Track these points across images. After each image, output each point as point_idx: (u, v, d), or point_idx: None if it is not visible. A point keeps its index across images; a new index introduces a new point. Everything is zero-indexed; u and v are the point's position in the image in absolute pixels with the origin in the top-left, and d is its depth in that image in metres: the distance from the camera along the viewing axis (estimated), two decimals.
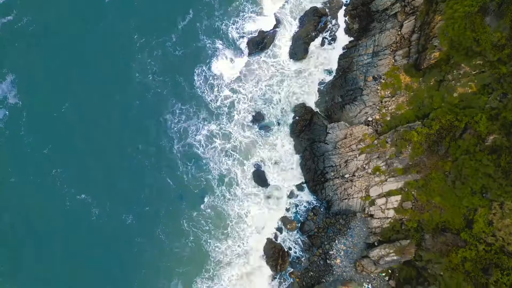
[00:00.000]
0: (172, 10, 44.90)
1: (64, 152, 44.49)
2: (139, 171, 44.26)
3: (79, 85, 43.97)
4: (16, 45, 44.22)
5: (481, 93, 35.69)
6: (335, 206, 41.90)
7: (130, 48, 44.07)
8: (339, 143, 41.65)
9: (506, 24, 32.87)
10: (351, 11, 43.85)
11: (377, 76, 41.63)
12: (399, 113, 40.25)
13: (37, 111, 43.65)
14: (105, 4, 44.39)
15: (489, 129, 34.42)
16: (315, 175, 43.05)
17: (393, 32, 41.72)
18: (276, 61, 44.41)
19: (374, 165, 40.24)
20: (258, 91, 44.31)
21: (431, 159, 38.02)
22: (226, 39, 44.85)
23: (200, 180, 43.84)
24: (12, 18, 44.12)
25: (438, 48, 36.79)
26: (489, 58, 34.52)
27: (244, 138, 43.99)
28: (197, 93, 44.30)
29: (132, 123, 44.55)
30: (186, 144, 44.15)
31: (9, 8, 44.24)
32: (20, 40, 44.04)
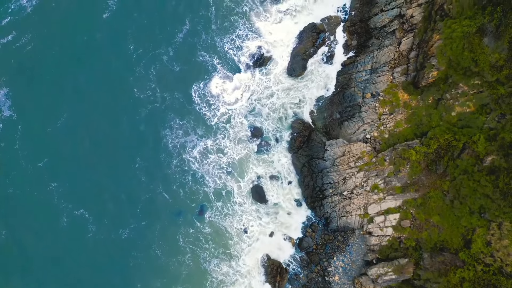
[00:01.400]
0: (169, 22, 44.60)
1: (61, 167, 44.16)
2: (136, 186, 44.04)
3: (75, 99, 43.77)
4: (12, 61, 43.97)
5: (480, 113, 35.77)
6: (333, 223, 41.79)
7: (127, 62, 43.90)
8: (337, 160, 41.59)
9: (504, 46, 32.95)
10: (350, 28, 43.83)
11: (376, 93, 41.63)
12: (398, 130, 40.27)
13: (32, 125, 43.36)
14: (103, 20, 44.18)
15: (487, 149, 34.49)
16: (314, 192, 42.90)
17: (391, 49, 41.75)
18: (274, 77, 44.21)
19: (373, 183, 40.21)
20: (256, 108, 44.09)
21: (429, 178, 38.06)
22: (223, 55, 44.55)
23: (197, 196, 43.67)
24: (11, 38, 44.18)
25: (436, 67, 36.84)
26: (487, 79, 34.60)
27: (242, 155, 43.80)
28: (195, 109, 44.08)
29: (129, 138, 44.35)
30: (183, 160, 43.95)
31: (10, 29, 44.36)
32: (17, 57, 43.90)
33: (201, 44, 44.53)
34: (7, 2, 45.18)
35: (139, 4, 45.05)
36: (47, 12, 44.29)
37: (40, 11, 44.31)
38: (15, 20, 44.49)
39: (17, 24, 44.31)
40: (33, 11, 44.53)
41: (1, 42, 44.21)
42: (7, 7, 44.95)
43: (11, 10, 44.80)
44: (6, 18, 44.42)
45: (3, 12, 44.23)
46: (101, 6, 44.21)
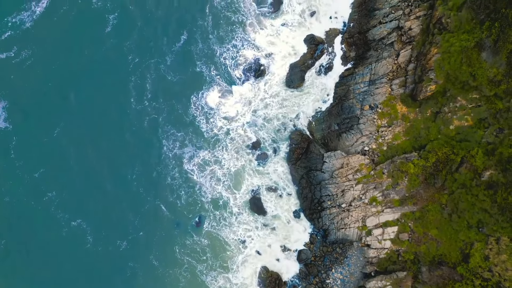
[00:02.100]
0: (167, 32, 44.55)
1: (57, 177, 44.00)
2: (133, 197, 43.89)
3: (73, 110, 43.65)
4: (12, 77, 43.97)
5: (478, 127, 35.71)
6: (332, 235, 41.70)
7: (125, 73, 43.77)
8: (335, 172, 41.54)
9: (502, 61, 32.89)
10: (348, 39, 43.81)
11: (374, 105, 41.58)
12: (396, 143, 40.20)
13: (27, 135, 43.36)
14: (104, 34, 44.14)
15: (486, 164, 34.43)
16: (312, 204, 42.83)
17: (389, 61, 41.70)
18: (273, 88, 44.15)
19: (371, 195, 40.12)
20: (254, 119, 44.00)
21: (427, 191, 37.96)
22: (221, 66, 44.54)
23: (194, 207, 43.54)
24: (12, 54, 44.14)
25: (434, 81, 36.78)
26: (486, 93, 34.56)
27: (239, 166, 43.70)
28: (192, 120, 44.02)
29: (126, 148, 44.16)
30: (181, 171, 43.85)
31: (10, 44, 44.28)
32: (17, 72, 43.91)
33: (199, 55, 44.49)
34: (7, 16, 45.13)
35: (140, 16, 44.90)
36: (47, 27, 44.29)
37: (40, 26, 44.28)
38: (15, 35, 44.41)
39: (17, 39, 44.24)
40: (33, 26, 44.45)
41: (1, 57, 44.07)
42: (7, 21, 44.90)
43: (11, 24, 44.73)
44: (6, 33, 44.33)
45: (3, 26, 44.16)
46: (102, 21, 44.17)
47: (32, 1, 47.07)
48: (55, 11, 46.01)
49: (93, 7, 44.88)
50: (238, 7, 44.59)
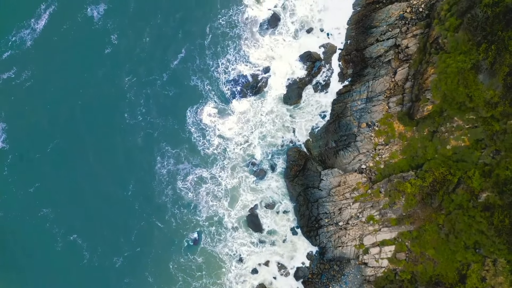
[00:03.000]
0: (166, 49, 44.77)
1: (53, 193, 44.37)
2: (129, 213, 44.23)
3: (68, 127, 44.03)
4: (12, 98, 44.48)
5: (474, 147, 35.57)
6: (329, 253, 41.71)
7: (121, 89, 44.03)
8: (333, 190, 41.56)
9: (499, 83, 32.70)
10: (345, 56, 43.72)
11: (371, 122, 41.53)
12: (393, 161, 40.11)
13: (22, 153, 43.83)
14: (104, 55, 44.38)
15: (482, 186, 34.30)
16: (309, 221, 42.86)
17: (387, 78, 41.61)
18: (270, 105, 44.12)
19: (368, 214, 40.12)
20: (251, 136, 44.07)
21: (424, 211, 37.90)
22: (218, 82, 44.65)
23: (189, 225, 43.74)
24: (13, 75, 44.64)
25: (431, 101, 36.62)
26: (482, 114, 34.39)
27: (236, 183, 43.79)
28: (188, 137, 44.13)
29: (123, 165, 44.39)
30: (176, 188, 44.00)
31: (10, 64, 44.71)
32: (17, 94, 44.35)
33: (196, 71, 44.63)
34: (7, 34, 45.58)
35: (140, 37, 44.96)
36: (47, 46, 44.62)
37: (40, 45, 44.64)
38: (16, 54, 44.85)
39: (18, 58, 44.68)
40: (33, 45, 44.82)
41: (2, 77, 44.64)
42: (7, 39, 45.31)
43: (11, 43, 45.14)
44: (6, 52, 44.78)
45: (3, 45, 44.60)
46: (102, 42, 44.40)
47: (31, 18, 47.52)
48: (55, 29, 46.42)
49: (94, 27, 45.14)
50: (237, 25, 44.58)
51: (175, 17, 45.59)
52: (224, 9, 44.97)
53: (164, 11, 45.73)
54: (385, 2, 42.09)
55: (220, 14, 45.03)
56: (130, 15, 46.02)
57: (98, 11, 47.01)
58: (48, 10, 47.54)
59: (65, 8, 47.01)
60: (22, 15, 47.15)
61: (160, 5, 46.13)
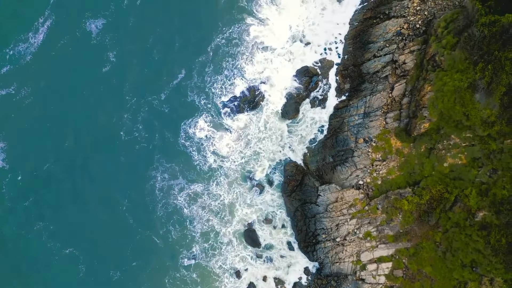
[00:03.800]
0: (165, 69, 44.80)
1: (49, 207, 44.35)
2: (124, 228, 44.20)
3: (65, 144, 44.07)
4: (13, 116, 44.57)
5: (471, 165, 35.49)
6: (326, 269, 41.63)
7: (119, 109, 44.10)
8: (330, 206, 41.50)
9: (495, 102, 32.58)
10: (342, 71, 43.70)
11: (368, 138, 41.47)
12: (390, 178, 40.05)
13: (21, 171, 43.83)
14: (103, 73, 44.45)
15: (479, 204, 34.23)
16: (307, 237, 42.82)
17: (384, 94, 41.55)
18: (267, 120, 44.24)
19: (365, 230, 40.06)
20: (248, 151, 44.11)
21: (421, 228, 37.85)
22: (215, 97, 44.60)
23: (185, 241, 43.63)
24: (13, 91, 44.79)
25: (428, 118, 36.57)
26: (479, 133, 34.36)
27: (233, 198, 43.77)
28: (183, 152, 44.09)
29: (118, 180, 44.41)
30: (171, 203, 43.84)
31: (10, 80, 44.86)
32: (16, 111, 44.47)
33: (194, 88, 44.71)
34: (5, 47, 45.67)
35: (139, 55, 45.13)
36: (46, 62, 44.78)
37: (39, 61, 44.80)
38: (15, 69, 45.03)
39: (17, 73, 44.87)
40: (31, 60, 44.97)
41: (1, 93, 44.77)
42: (5, 53, 45.43)
43: (9, 57, 45.29)
44: (5, 66, 44.99)
45: (1, 59, 44.72)
46: (101, 59, 44.46)
47: (29, 32, 47.57)
48: (53, 44, 46.44)
49: (92, 42, 45.20)
50: (237, 42, 44.59)
51: (175, 33, 45.60)
52: (225, 26, 44.96)
53: (164, 27, 45.90)
54: (382, 17, 42.16)
55: (221, 31, 44.95)
56: (129, 30, 46.15)
57: (96, 26, 47.07)
58: (46, 23, 47.62)
59: (63, 22, 47.14)
60: (20, 29, 47.25)
61: (159, 20, 46.19)
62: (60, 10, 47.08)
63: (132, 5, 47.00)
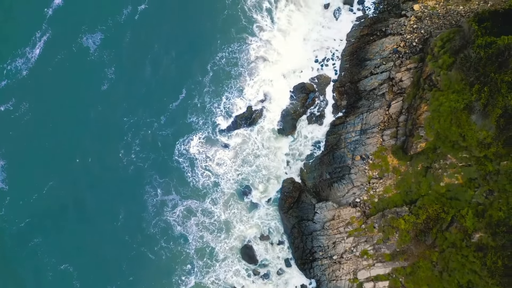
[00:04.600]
0: (166, 91, 44.60)
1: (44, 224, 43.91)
2: (119, 244, 43.87)
3: (64, 165, 43.86)
4: (11, 133, 44.34)
5: (468, 186, 35.41)
6: (323, 286, 41.35)
7: (118, 130, 43.87)
8: (327, 223, 41.45)
9: (491, 124, 32.55)
10: (339, 88, 43.68)
11: (365, 155, 41.43)
12: (387, 196, 39.99)
13: (20, 194, 43.52)
14: (101, 91, 44.19)
15: (475, 226, 34.17)
16: (304, 254, 42.72)
17: (381, 111, 41.52)
18: (264, 136, 44.15)
19: (362, 248, 39.99)
20: (244, 167, 43.86)
21: (418, 247, 37.78)
22: (212, 114, 44.36)
23: (180, 257, 43.23)
24: (11, 107, 44.45)
25: (424, 138, 36.56)
26: (475, 154, 34.34)
27: (229, 215, 43.53)
28: (178, 169, 43.71)
29: (114, 197, 44.13)
30: (166, 219, 43.58)
31: (8, 95, 44.52)
32: (15, 129, 44.26)
33: (192, 106, 44.36)
34: (2, 62, 45.42)
35: (137, 73, 44.90)
36: (43, 77, 44.43)
37: (36, 76, 44.48)
38: (12, 84, 44.75)
39: (14, 89, 44.57)
40: (29, 75, 44.67)
41: (0, 110, 44.53)
42: (2, 68, 45.22)
43: (6, 72, 45.07)
44: (3, 81, 44.71)
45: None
46: (99, 76, 44.19)
47: (26, 47, 47.24)
48: (50, 59, 46.11)
49: (89, 58, 44.96)
50: (237, 61, 44.47)
51: (174, 50, 45.36)
52: (224, 45, 44.70)
53: (162, 43, 45.65)
54: (379, 35, 42.18)
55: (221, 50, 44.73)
56: (127, 46, 45.80)
57: (94, 41, 46.85)
58: (43, 38, 47.24)
59: (60, 37, 46.75)
60: (17, 43, 46.86)
61: (157, 36, 45.90)
62: (56, 24, 46.77)
63: (130, 20, 46.76)
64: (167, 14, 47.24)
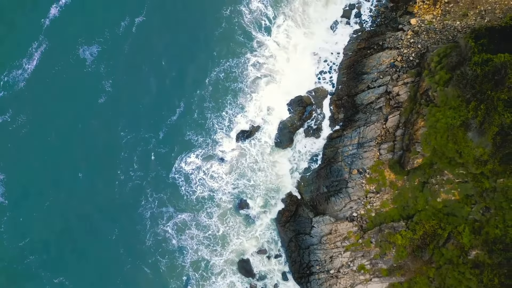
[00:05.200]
0: (164, 105, 44.44)
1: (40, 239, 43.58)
2: (114, 258, 43.56)
3: (63, 182, 43.51)
4: (9, 145, 43.96)
5: (465, 202, 35.36)
6: None
7: (116, 145, 43.60)
8: (324, 238, 41.33)
9: (488, 142, 32.58)
10: (336, 101, 43.67)
11: (362, 169, 41.32)
12: (384, 210, 39.92)
13: (20, 210, 43.12)
14: (99, 104, 43.97)
15: (472, 242, 34.14)
16: (301, 268, 42.59)
17: (378, 125, 41.48)
18: (261, 149, 44.02)
19: (359, 263, 39.88)
20: (241, 180, 43.71)
21: (415, 263, 37.71)
22: (210, 128, 44.16)
23: (175, 270, 42.99)
24: (9, 119, 44.00)
25: (421, 154, 36.52)
26: (472, 171, 34.35)
27: (227, 228, 43.33)
28: (175, 184, 43.41)
29: (109, 210, 43.91)
30: (161, 232, 43.28)
31: (5, 107, 44.13)
32: (14, 141, 43.90)
33: (191, 122, 44.15)
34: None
35: (134, 87, 44.64)
36: (41, 88, 44.08)
37: (33, 87, 44.07)
38: (9, 95, 44.30)
39: (12, 100, 44.12)
40: (26, 86, 44.26)
41: None
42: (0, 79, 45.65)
43: (3, 83, 44.64)
44: (0, 92, 44.38)
45: None
46: (96, 88, 43.91)
47: (23, 58, 46.83)
48: (47, 70, 45.72)
49: (86, 70, 44.66)
50: (236, 76, 44.34)
51: (172, 63, 45.22)
52: (222, 59, 44.62)
53: (160, 56, 45.41)
54: (376, 48, 42.23)
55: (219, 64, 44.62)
56: (124, 59, 45.45)
57: (90, 53, 46.54)
58: (40, 49, 46.80)
59: (56, 48, 46.32)
60: (14, 54, 46.46)
61: (155, 48, 45.66)
62: (53, 35, 46.38)
63: (128, 32, 46.50)
64: (164, 27, 47.11)
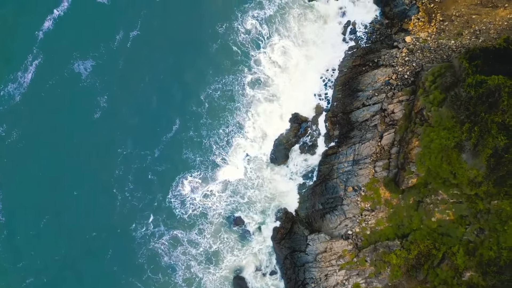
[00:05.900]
0: (160, 120, 44.22)
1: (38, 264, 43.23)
2: (109, 276, 43.26)
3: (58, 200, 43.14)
4: (5, 160, 43.69)
5: (459, 222, 35.35)
6: None
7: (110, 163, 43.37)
8: (319, 256, 41.16)
9: (482, 164, 32.67)
10: (332, 118, 43.59)
11: (357, 187, 41.28)
12: (379, 228, 39.82)
13: (17, 228, 42.86)
14: (94, 120, 43.71)
15: (466, 264, 34.09)
16: (296, 285, 42.23)
17: (373, 143, 41.42)
18: (256, 166, 43.57)
19: (354, 281, 39.69)
20: (236, 197, 43.47)
21: (410, 283, 37.57)
22: (209, 151, 43.82)
23: (168, 286, 42.57)
24: (3, 133, 43.72)
25: (416, 173, 36.56)
26: (466, 192, 34.38)
27: (221, 245, 43.03)
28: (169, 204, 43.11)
29: (103, 228, 43.54)
30: (155, 249, 43.05)
31: (1, 121, 43.69)
32: (9, 156, 43.62)
33: (187, 141, 43.86)
34: None
35: (132, 99, 44.47)
36: (36, 103, 43.75)
37: (28, 101, 43.79)
38: (5, 110, 43.98)
39: (7, 115, 43.80)
40: (21, 100, 43.96)
41: None
42: None
43: None
44: None
45: None
46: (91, 104, 43.65)
47: (18, 71, 46.55)
48: (42, 84, 45.38)
49: (81, 84, 44.39)
50: (232, 94, 44.19)
51: (167, 79, 44.92)
52: (218, 76, 44.28)
53: (155, 71, 45.09)
54: (371, 65, 42.22)
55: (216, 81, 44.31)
56: (119, 74, 45.21)
57: (85, 67, 46.33)
58: (35, 62, 46.45)
59: (51, 61, 45.88)
60: (9, 68, 46.22)
61: (149, 64, 45.37)
62: (48, 48, 46.01)
63: (122, 47, 46.17)
64: (159, 41, 46.74)
